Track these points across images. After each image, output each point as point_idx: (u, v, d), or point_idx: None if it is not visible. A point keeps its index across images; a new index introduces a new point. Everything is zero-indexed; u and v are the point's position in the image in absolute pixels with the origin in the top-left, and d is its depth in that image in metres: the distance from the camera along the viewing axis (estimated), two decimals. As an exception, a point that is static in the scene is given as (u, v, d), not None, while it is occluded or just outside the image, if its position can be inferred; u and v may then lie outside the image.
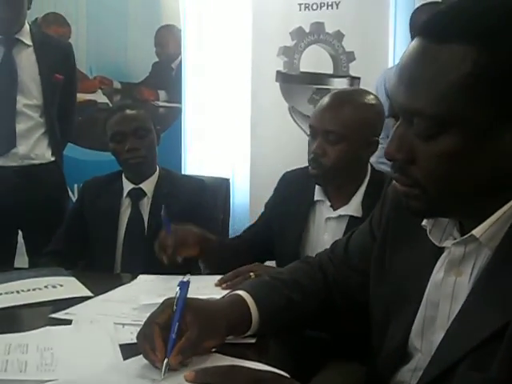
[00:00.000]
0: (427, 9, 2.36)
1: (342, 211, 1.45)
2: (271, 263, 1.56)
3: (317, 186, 1.51)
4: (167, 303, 0.88)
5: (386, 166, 1.48)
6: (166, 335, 0.83)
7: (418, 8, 2.44)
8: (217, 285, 1.28)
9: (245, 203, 2.89)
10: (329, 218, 1.47)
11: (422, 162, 0.70)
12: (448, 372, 0.70)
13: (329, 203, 1.48)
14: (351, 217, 1.44)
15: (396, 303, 0.84)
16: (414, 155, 0.70)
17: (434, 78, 0.67)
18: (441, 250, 0.79)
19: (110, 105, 3.20)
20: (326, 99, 1.43)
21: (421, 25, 0.71)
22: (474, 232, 0.71)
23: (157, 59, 3.16)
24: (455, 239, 0.76)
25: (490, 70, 0.64)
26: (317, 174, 1.42)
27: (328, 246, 1.15)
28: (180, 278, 1.39)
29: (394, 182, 0.76)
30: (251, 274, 1.27)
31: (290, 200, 1.55)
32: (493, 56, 0.64)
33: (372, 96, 1.45)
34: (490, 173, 0.68)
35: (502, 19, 0.66)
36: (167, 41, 3.15)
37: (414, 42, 0.70)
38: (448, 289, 0.77)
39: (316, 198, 1.50)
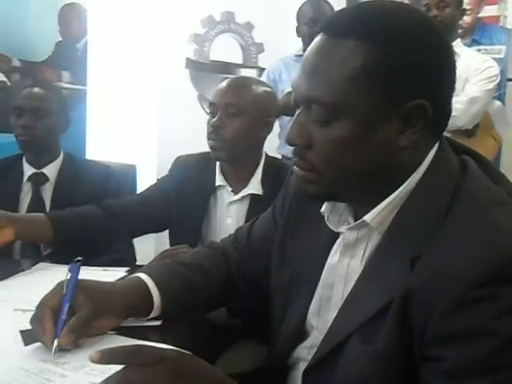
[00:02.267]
0: (313, 1, 2.54)
1: (243, 193, 1.51)
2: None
3: (217, 172, 1.54)
4: (58, 286, 0.87)
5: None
6: (58, 318, 0.82)
7: (305, 2, 2.56)
8: None
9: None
10: (231, 202, 1.52)
11: (317, 147, 0.75)
12: (340, 346, 0.76)
13: (230, 188, 1.53)
14: (253, 196, 1.50)
15: (295, 286, 0.89)
16: (312, 141, 0.76)
17: (329, 70, 0.73)
18: (337, 235, 0.85)
19: (8, 83, 3.01)
20: (226, 81, 1.53)
21: (324, 22, 0.77)
22: (365, 218, 0.77)
23: (60, 38, 3.02)
24: (350, 225, 0.82)
25: (379, 66, 0.71)
26: (216, 145, 1.47)
27: (232, 230, 1.19)
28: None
29: (294, 167, 0.81)
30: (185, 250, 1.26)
31: (187, 185, 1.55)
32: (381, 53, 0.71)
33: (267, 85, 1.61)
34: (378, 160, 0.74)
35: (392, 22, 0.73)
36: (71, 20, 3.01)
37: (317, 37, 0.76)
38: (342, 271, 0.83)
39: (217, 184, 1.53)
